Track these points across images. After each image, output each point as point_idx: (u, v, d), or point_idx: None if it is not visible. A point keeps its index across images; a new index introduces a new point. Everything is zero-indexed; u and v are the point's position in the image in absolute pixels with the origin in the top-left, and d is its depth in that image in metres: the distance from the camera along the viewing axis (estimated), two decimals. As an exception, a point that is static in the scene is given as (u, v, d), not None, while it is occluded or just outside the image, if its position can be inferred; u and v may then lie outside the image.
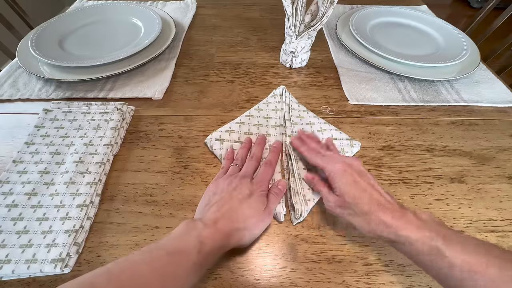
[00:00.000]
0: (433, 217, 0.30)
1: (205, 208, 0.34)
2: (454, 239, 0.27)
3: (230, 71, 0.60)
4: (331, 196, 0.35)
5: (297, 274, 0.33)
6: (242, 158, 0.41)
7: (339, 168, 0.34)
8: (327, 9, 0.51)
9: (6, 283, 0.31)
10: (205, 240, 0.29)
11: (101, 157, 0.41)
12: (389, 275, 0.33)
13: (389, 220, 0.29)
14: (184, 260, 0.27)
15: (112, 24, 0.68)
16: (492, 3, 0.86)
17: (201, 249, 0.28)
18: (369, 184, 0.33)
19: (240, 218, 0.33)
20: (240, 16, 0.78)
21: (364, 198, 0.32)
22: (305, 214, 0.37)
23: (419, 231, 0.28)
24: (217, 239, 0.30)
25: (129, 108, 0.49)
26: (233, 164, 0.40)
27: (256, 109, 0.50)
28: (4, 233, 0.34)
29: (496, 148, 0.47)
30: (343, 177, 0.34)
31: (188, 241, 0.29)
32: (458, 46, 0.63)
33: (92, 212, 0.36)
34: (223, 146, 0.44)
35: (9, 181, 0.38)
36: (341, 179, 0.34)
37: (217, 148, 0.44)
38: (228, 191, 0.35)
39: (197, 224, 0.30)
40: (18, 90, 0.53)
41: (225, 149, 0.44)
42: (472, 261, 0.25)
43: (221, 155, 0.43)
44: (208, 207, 0.34)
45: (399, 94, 0.55)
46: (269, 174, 0.39)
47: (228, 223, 0.32)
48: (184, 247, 0.28)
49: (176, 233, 0.30)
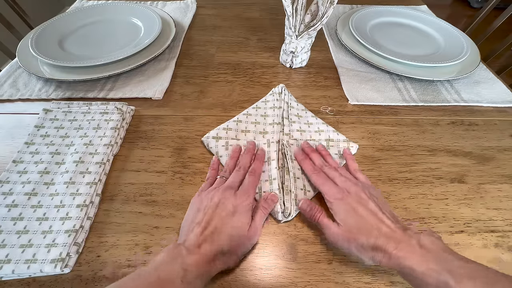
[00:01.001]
0: (438, 242, 0.29)
1: (189, 227, 0.33)
2: (463, 273, 0.26)
3: (230, 71, 0.60)
4: (333, 227, 0.33)
5: (297, 274, 0.33)
6: (230, 170, 0.40)
7: (337, 197, 0.34)
8: (327, 9, 0.51)
9: (6, 283, 0.31)
10: (189, 268, 0.28)
11: (101, 157, 0.41)
12: (389, 275, 0.33)
13: (392, 251, 0.29)
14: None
15: (112, 24, 0.68)
16: (492, 3, 0.86)
17: (184, 277, 0.28)
18: (367, 210, 0.32)
19: (224, 239, 0.31)
20: (240, 16, 0.78)
21: (364, 229, 0.31)
22: (294, 214, 0.37)
23: (424, 263, 0.27)
24: (201, 265, 0.29)
25: (129, 108, 0.49)
26: (220, 176, 0.39)
27: (254, 107, 0.50)
28: (4, 233, 0.34)
29: (496, 148, 0.47)
30: (340, 205, 0.34)
31: (171, 270, 0.28)
32: (458, 46, 0.63)
33: (92, 212, 0.36)
34: (219, 143, 0.44)
35: (9, 181, 0.38)
36: (339, 207, 0.34)
37: (213, 146, 0.44)
38: (211, 207, 0.34)
39: (180, 250, 0.30)
40: (18, 90, 0.53)
41: (221, 146, 0.44)
42: None
43: (217, 153, 0.43)
44: (192, 227, 0.33)
45: (399, 94, 0.55)
46: (253, 184, 0.37)
47: (212, 247, 0.30)
48: (167, 277, 0.28)
49: (160, 261, 0.29)
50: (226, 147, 0.44)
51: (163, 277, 0.28)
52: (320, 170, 0.39)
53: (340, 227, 0.33)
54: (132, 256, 0.34)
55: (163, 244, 0.35)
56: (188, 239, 0.31)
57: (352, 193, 0.34)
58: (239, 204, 0.34)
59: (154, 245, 0.34)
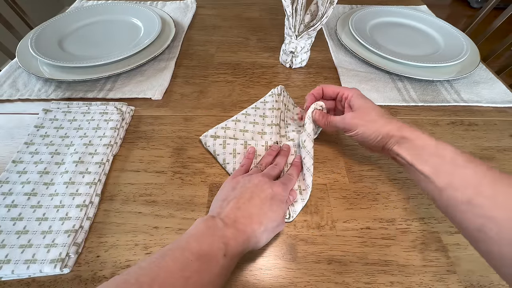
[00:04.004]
0: None
1: (222, 203, 0.32)
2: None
3: (230, 71, 0.60)
4: (348, 114, 0.39)
5: (296, 274, 0.33)
6: (266, 164, 0.40)
7: (356, 91, 0.41)
8: (327, 9, 0.51)
9: (5, 283, 0.31)
10: (229, 242, 0.27)
11: (100, 157, 0.41)
12: (389, 275, 0.33)
13: (395, 128, 0.34)
14: (213, 265, 0.26)
15: (112, 24, 0.68)
16: (492, 3, 0.86)
17: (226, 252, 0.27)
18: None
19: (261, 219, 0.31)
20: (240, 16, 0.78)
21: (379, 108, 0.38)
22: (294, 215, 0.37)
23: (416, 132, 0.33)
24: (239, 241, 0.28)
25: (129, 108, 0.49)
26: (256, 167, 0.39)
27: (253, 107, 0.50)
28: (4, 233, 0.34)
29: (496, 148, 0.47)
30: (361, 96, 0.40)
31: (212, 243, 0.27)
32: (458, 46, 0.63)
33: (92, 212, 0.36)
34: (216, 142, 0.44)
35: (9, 181, 0.38)
36: (358, 98, 0.40)
37: (211, 145, 0.44)
38: (249, 187, 0.33)
39: (217, 222, 0.28)
40: (18, 90, 0.53)
41: (218, 144, 0.44)
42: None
43: (215, 151, 0.43)
44: (226, 202, 0.32)
45: (398, 94, 0.55)
46: (292, 182, 0.38)
47: (248, 222, 0.30)
48: (210, 250, 0.26)
49: (197, 232, 0.28)
50: (223, 145, 0.44)
51: (206, 251, 0.26)
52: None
53: (358, 110, 0.38)
54: (132, 256, 0.34)
55: (163, 244, 0.35)
56: (223, 213, 0.30)
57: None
58: (279, 193, 0.34)
59: (153, 245, 0.34)
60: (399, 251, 0.35)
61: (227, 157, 0.42)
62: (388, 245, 0.35)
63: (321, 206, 0.39)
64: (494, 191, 0.26)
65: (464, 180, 0.28)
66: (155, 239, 0.35)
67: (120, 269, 0.32)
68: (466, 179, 0.28)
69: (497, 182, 0.27)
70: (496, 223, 0.25)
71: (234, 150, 0.43)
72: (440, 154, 0.31)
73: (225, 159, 0.42)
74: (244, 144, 0.44)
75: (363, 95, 0.41)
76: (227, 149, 0.43)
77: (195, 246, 0.26)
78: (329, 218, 0.37)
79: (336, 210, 0.38)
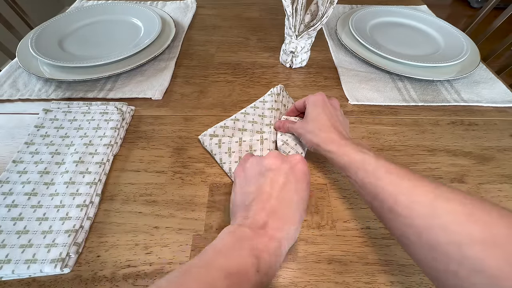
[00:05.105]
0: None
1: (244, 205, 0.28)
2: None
3: (230, 71, 0.60)
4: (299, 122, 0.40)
5: (297, 274, 0.33)
6: None
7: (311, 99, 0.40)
8: (327, 9, 0.51)
9: (6, 283, 0.31)
10: (261, 254, 0.23)
11: (101, 157, 0.41)
12: (389, 275, 0.33)
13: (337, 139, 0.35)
14: (245, 284, 0.22)
15: (112, 24, 0.68)
16: (492, 3, 0.86)
17: (259, 267, 0.23)
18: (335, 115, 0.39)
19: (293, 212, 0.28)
20: (240, 16, 0.78)
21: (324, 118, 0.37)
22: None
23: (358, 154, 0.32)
24: (272, 250, 0.24)
25: (129, 108, 0.49)
26: None
27: (252, 107, 0.50)
28: (4, 233, 0.34)
29: (496, 148, 0.47)
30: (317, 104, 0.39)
31: (242, 258, 0.23)
32: (458, 46, 0.63)
33: (92, 212, 0.36)
34: (212, 141, 0.44)
35: (9, 181, 0.38)
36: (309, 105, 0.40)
37: (208, 144, 0.44)
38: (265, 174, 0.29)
39: (244, 232, 0.25)
40: (18, 90, 0.53)
41: (214, 144, 0.44)
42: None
43: (212, 151, 0.43)
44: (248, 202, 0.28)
45: (399, 94, 0.55)
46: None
47: (279, 225, 0.26)
48: (240, 267, 0.22)
49: (223, 246, 0.24)
50: (219, 145, 0.44)
51: (235, 268, 0.22)
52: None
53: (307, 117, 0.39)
54: (132, 256, 0.34)
55: (163, 244, 0.35)
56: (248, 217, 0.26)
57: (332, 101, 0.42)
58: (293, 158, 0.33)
59: (154, 245, 0.34)
60: (399, 250, 0.35)
61: (223, 157, 0.42)
62: (388, 245, 0.35)
63: (321, 206, 0.39)
64: (410, 201, 0.26)
65: (385, 192, 0.28)
66: (155, 239, 0.35)
67: (120, 269, 0.32)
68: (387, 190, 0.28)
69: (413, 191, 0.27)
70: (415, 231, 0.25)
71: (229, 149, 0.43)
72: (364, 168, 0.31)
73: (221, 159, 0.42)
74: (239, 142, 0.44)
75: (317, 103, 0.39)
76: (222, 148, 0.43)
77: (222, 262, 0.23)
78: (329, 218, 0.37)
79: (336, 210, 0.38)
